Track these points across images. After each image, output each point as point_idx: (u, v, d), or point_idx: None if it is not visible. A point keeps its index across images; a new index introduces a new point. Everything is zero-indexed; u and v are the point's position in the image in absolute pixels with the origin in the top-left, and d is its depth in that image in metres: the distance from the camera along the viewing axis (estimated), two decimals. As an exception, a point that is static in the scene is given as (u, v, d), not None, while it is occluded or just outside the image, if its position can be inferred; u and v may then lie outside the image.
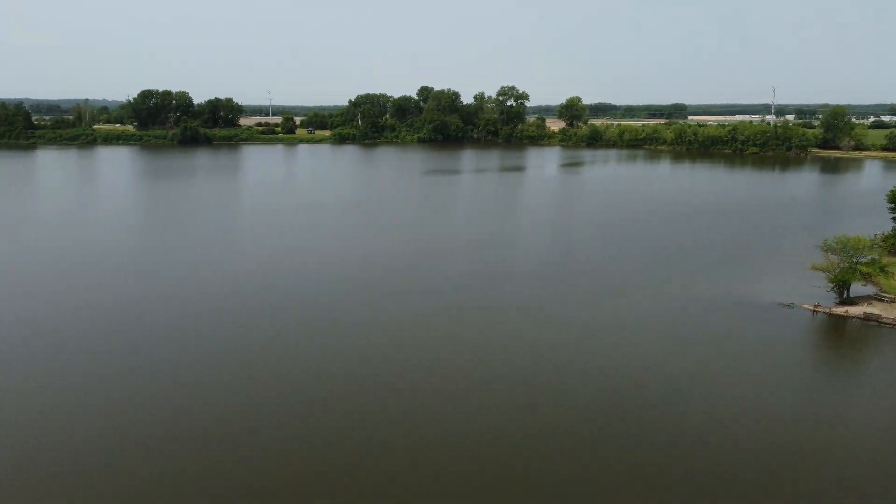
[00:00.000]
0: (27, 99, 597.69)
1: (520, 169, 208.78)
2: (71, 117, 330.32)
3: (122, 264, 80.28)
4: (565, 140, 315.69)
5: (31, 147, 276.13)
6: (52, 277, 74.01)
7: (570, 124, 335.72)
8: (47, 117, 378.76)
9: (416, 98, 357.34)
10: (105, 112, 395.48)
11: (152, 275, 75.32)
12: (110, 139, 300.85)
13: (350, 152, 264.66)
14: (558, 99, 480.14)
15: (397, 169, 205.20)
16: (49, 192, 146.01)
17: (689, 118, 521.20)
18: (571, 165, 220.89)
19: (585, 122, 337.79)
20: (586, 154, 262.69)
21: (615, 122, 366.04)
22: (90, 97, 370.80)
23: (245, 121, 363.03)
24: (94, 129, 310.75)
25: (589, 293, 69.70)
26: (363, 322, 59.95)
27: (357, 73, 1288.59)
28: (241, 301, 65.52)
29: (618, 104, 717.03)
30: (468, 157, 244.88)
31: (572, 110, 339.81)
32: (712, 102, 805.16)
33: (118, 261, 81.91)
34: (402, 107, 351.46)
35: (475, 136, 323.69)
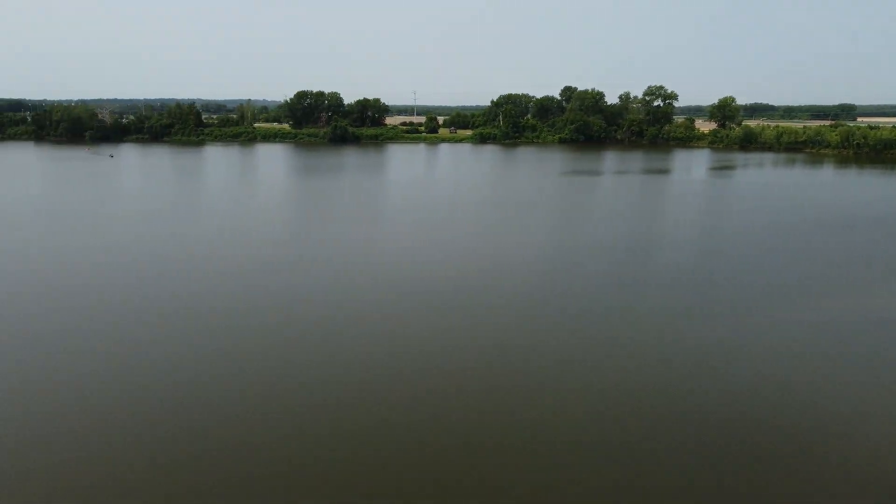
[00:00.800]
0: (199, 99, 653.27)
1: (664, 171, 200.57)
2: (235, 116, 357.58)
3: (284, 255, 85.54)
4: (716, 142, 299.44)
5: (200, 143, 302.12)
6: (220, 265, 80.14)
7: (722, 125, 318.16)
8: (215, 116, 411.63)
9: (559, 98, 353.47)
10: (265, 111, 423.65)
11: (317, 266, 79.69)
12: (268, 137, 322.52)
13: (490, 152, 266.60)
14: (709, 99, 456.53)
15: (537, 169, 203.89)
16: (217, 183, 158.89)
17: (859, 119, 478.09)
18: (722, 169, 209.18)
19: (739, 124, 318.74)
20: (738, 157, 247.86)
21: (772, 124, 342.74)
22: (252, 98, 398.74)
23: (391, 120, 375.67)
24: (254, 128, 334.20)
25: (741, 305, 65.59)
26: (510, 324, 60.02)
27: (500, 74, 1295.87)
28: (398, 295, 67.73)
29: (776, 104, 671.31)
30: (610, 159, 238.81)
31: (724, 111, 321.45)
32: (886, 102, 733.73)
33: (281, 252, 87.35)
34: (545, 107, 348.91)
35: (618, 136, 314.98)
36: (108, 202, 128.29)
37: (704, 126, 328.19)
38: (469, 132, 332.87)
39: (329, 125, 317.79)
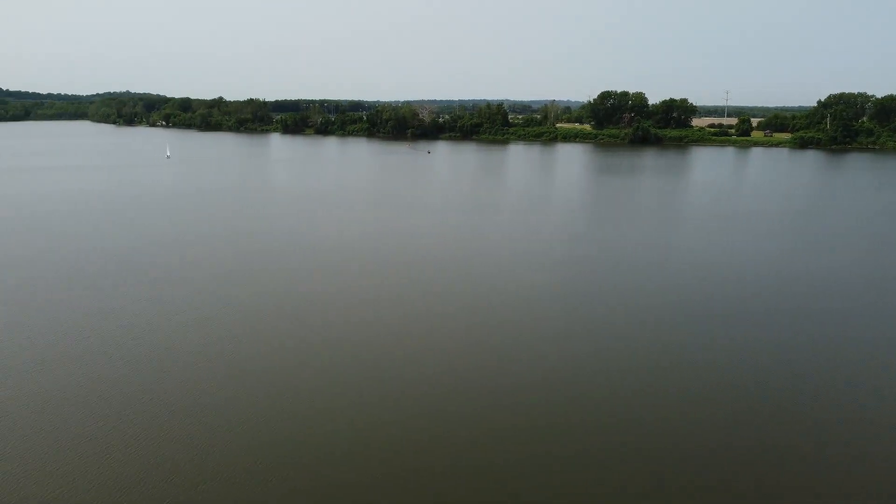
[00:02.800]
0: (507, 100, 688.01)
1: None
2: (539, 116, 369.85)
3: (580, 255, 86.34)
4: None
5: (504, 142, 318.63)
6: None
7: None
8: (520, 116, 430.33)
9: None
10: (567, 112, 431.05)
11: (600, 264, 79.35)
12: (568, 137, 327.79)
13: (811, 158, 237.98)
14: None
15: (876, 179, 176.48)
16: (516, 178, 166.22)
17: None
18: None
19: None
20: None
21: None
22: (557, 98, 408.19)
23: (698, 122, 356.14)
24: (556, 128, 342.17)
25: None
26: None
27: (827, 72, 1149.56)
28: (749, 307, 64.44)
29: None
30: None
31: None
32: None
33: (580, 252, 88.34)
34: (886, 108, 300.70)
35: None
36: (421, 191, 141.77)
37: None
38: (787, 135, 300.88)
39: (631, 126, 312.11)
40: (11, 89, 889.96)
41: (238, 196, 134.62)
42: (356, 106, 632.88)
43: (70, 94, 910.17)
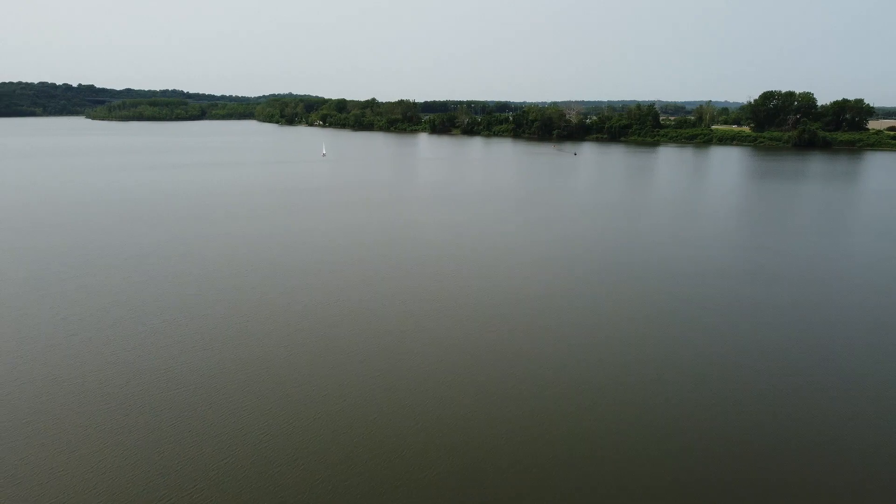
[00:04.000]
0: (658, 101, 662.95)
1: None
2: (692, 117, 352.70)
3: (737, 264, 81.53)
4: None
5: (654, 144, 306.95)
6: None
7: None
8: (672, 117, 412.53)
9: None
10: (724, 113, 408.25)
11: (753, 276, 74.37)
12: (724, 139, 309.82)
13: None
14: None
15: None
16: (664, 183, 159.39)
17: None
18: None
19: None
20: None
21: None
22: (713, 99, 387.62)
23: (875, 124, 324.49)
24: (711, 130, 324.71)
25: None
26: None
27: None
28: None
29: None
30: None
31: None
32: None
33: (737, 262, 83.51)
34: None
35: None
36: (567, 193, 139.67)
37: None
38: None
39: (796, 128, 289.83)
40: (191, 91, 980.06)
41: (386, 191, 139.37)
42: (502, 107, 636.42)
43: (240, 95, 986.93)
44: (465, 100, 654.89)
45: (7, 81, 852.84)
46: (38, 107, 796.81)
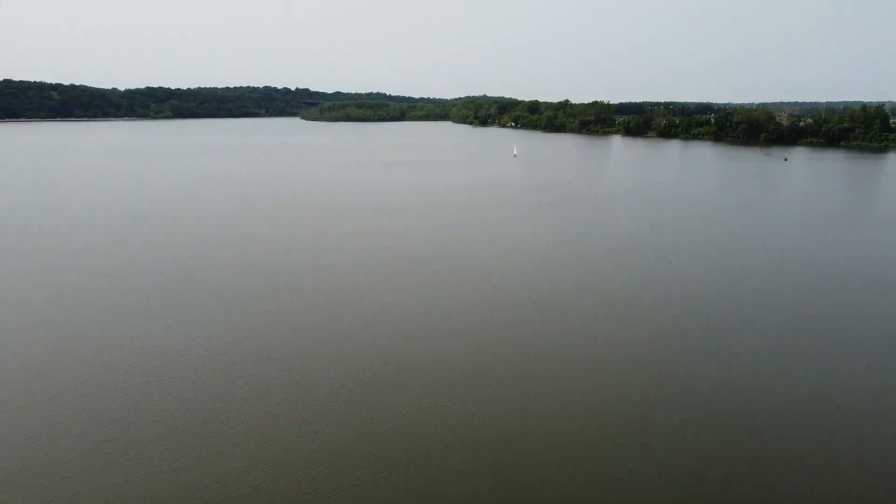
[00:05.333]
0: (889, 101, 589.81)
1: None
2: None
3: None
4: None
5: (881, 149, 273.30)
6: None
7: None
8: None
9: None
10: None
11: None
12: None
13: None
14: None
15: None
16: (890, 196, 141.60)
17: None
18: None
19: None
20: None
21: None
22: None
23: None
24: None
25: None
26: None
27: None
28: None
29: None
30: None
31: None
32: None
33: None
34: None
35: None
36: (778, 201, 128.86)
37: None
38: None
39: None
40: (393, 94, 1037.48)
41: (575, 193, 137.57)
42: (703, 108, 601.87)
43: (436, 97, 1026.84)
44: (662, 101, 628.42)
45: (238, 86, 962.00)
46: (262, 108, 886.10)
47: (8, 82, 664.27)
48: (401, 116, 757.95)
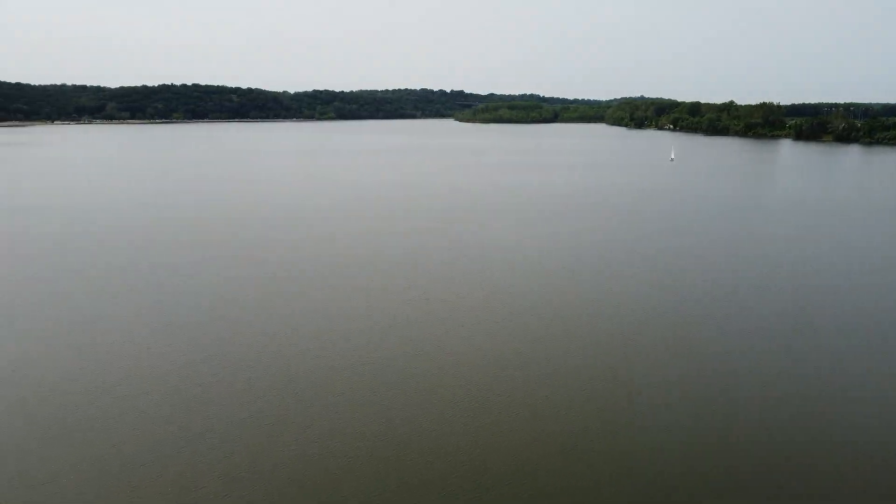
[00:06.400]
0: None
1: None
2: None
3: None
4: None
5: None
6: None
7: None
8: None
9: None
10: None
11: None
12: None
13: None
14: None
15: None
16: None
17: None
18: None
19: None
20: None
21: None
22: None
23: None
24: None
25: None
26: None
27: None
28: None
29: None
30: None
31: None
32: None
33: None
34: None
35: None
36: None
37: None
38: None
39: None
40: (546, 95, 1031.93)
41: (746, 207, 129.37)
42: (892, 110, 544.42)
43: (591, 99, 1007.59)
44: (841, 102, 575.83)
45: (396, 88, 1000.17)
46: (418, 110, 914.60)
47: (196, 86, 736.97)
48: (553, 118, 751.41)
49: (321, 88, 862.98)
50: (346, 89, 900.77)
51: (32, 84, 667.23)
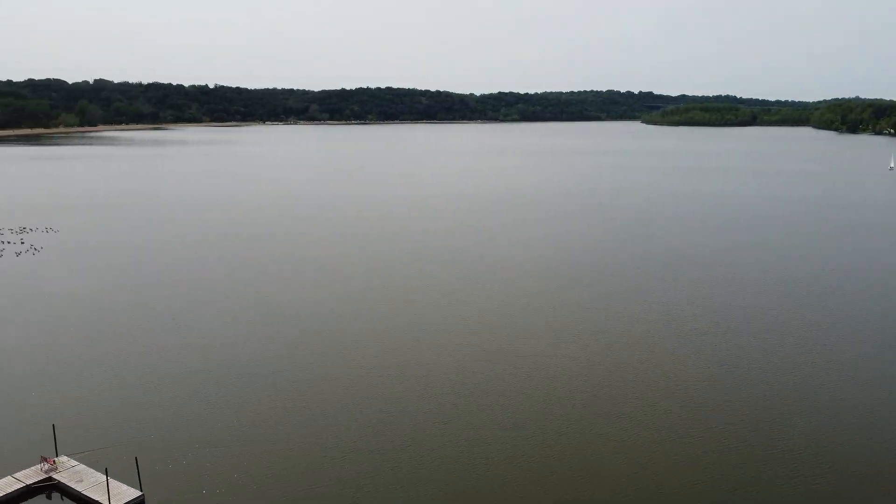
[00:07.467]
0: None
1: None
2: None
3: None
4: None
5: None
6: None
7: None
8: None
9: None
10: None
11: None
12: None
13: None
14: None
15: None
16: None
17: None
18: None
19: None
20: None
21: None
22: None
23: None
24: None
25: None
26: None
27: None
28: None
29: None
30: None
31: None
32: None
33: None
34: None
35: None
36: None
37: None
38: None
39: None
40: (744, 97, 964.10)
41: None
42: None
43: (796, 100, 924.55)
44: None
45: (581, 90, 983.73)
46: (603, 112, 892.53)
47: (388, 89, 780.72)
48: (751, 121, 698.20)
49: (506, 91, 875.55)
50: (531, 91, 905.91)
51: (249, 88, 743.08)
